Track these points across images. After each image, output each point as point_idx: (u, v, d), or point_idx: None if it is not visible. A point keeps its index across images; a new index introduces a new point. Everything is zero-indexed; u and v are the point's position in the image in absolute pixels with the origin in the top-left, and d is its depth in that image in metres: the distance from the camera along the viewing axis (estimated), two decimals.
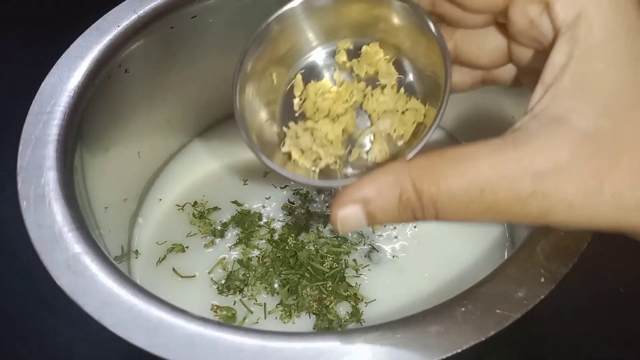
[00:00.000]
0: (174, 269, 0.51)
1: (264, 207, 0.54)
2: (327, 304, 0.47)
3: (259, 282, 0.49)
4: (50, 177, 0.38)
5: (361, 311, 0.47)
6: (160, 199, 0.56)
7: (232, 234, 0.53)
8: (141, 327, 0.32)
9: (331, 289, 0.48)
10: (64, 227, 0.36)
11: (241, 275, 0.50)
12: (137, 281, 0.49)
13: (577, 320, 0.48)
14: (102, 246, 0.38)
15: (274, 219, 0.53)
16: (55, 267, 0.34)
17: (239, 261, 0.50)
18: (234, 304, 0.48)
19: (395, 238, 0.51)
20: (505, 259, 0.36)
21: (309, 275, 0.48)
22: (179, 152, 0.59)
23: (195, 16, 0.49)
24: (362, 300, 0.48)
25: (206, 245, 0.52)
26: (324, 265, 0.49)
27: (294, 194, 0.55)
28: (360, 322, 0.47)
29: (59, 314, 0.50)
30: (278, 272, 0.49)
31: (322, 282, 0.48)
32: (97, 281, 0.34)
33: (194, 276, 0.50)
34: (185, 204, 0.55)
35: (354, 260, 0.50)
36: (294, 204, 0.54)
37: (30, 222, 0.36)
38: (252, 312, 0.48)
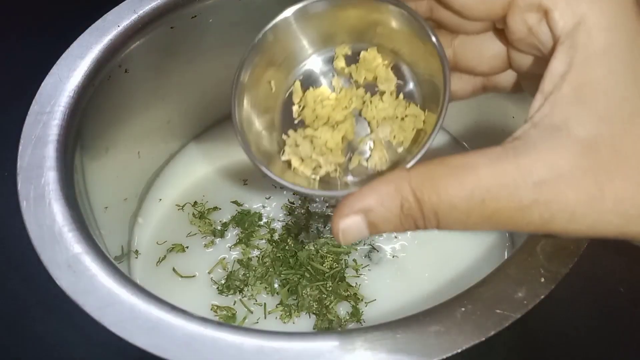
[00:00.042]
0: (174, 269, 0.51)
1: (264, 207, 0.54)
2: (327, 304, 0.47)
3: (259, 282, 0.49)
4: (50, 177, 0.38)
5: (361, 311, 0.47)
6: (160, 199, 0.56)
7: (232, 234, 0.53)
8: (141, 327, 0.32)
9: (331, 289, 0.48)
10: (64, 227, 0.36)
11: (241, 275, 0.50)
12: (137, 281, 0.49)
13: (577, 321, 0.48)
14: (102, 246, 0.38)
15: (274, 219, 0.53)
16: (55, 267, 0.34)
17: (239, 261, 0.51)
18: (234, 304, 0.48)
19: (395, 238, 0.51)
20: (505, 259, 0.36)
21: (309, 275, 0.48)
22: (179, 152, 0.59)
23: (195, 16, 0.49)
24: (362, 300, 0.48)
25: (206, 245, 0.52)
26: (324, 265, 0.49)
27: (293, 194, 0.55)
28: (360, 322, 0.47)
29: (59, 314, 0.50)
30: (278, 272, 0.49)
31: (322, 282, 0.48)
32: (97, 281, 0.34)
33: (194, 276, 0.50)
34: (185, 204, 0.55)
35: (354, 260, 0.50)
36: (294, 204, 0.54)
37: (30, 222, 0.36)
38: (252, 312, 0.48)
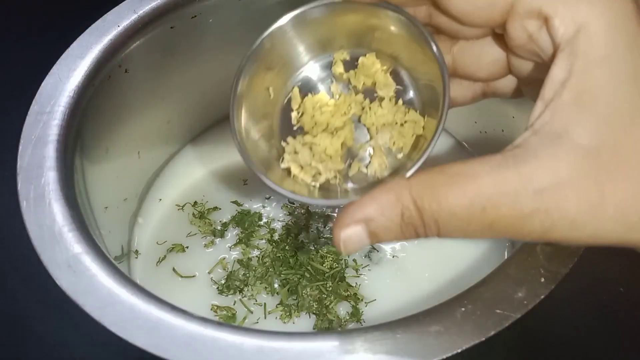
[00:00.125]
0: (174, 269, 0.51)
1: (264, 207, 0.54)
2: (327, 304, 0.47)
3: (259, 282, 0.49)
4: (50, 177, 0.38)
5: (361, 311, 0.47)
6: (160, 199, 0.56)
7: (232, 234, 0.53)
8: (141, 327, 0.32)
9: (331, 289, 0.48)
10: (64, 227, 0.36)
11: (241, 275, 0.50)
12: (137, 281, 0.49)
13: (577, 321, 0.48)
14: (102, 246, 0.38)
15: (274, 219, 0.53)
16: (55, 267, 0.34)
17: (239, 261, 0.50)
18: (234, 304, 0.48)
19: None
20: (505, 259, 0.36)
21: (309, 275, 0.48)
22: (179, 152, 0.59)
23: (195, 16, 0.49)
24: (362, 300, 0.48)
25: (206, 245, 0.52)
26: (324, 265, 0.49)
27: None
28: (360, 322, 0.47)
29: (59, 314, 0.50)
30: (278, 272, 0.49)
31: (322, 282, 0.48)
32: (97, 281, 0.34)
33: (194, 276, 0.50)
34: (185, 204, 0.55)
35: (354, 260, 0.50)
36: (294, 204, 0.54)
37: (30, 222, 0.36)
38: (252, 312, 0.48)
